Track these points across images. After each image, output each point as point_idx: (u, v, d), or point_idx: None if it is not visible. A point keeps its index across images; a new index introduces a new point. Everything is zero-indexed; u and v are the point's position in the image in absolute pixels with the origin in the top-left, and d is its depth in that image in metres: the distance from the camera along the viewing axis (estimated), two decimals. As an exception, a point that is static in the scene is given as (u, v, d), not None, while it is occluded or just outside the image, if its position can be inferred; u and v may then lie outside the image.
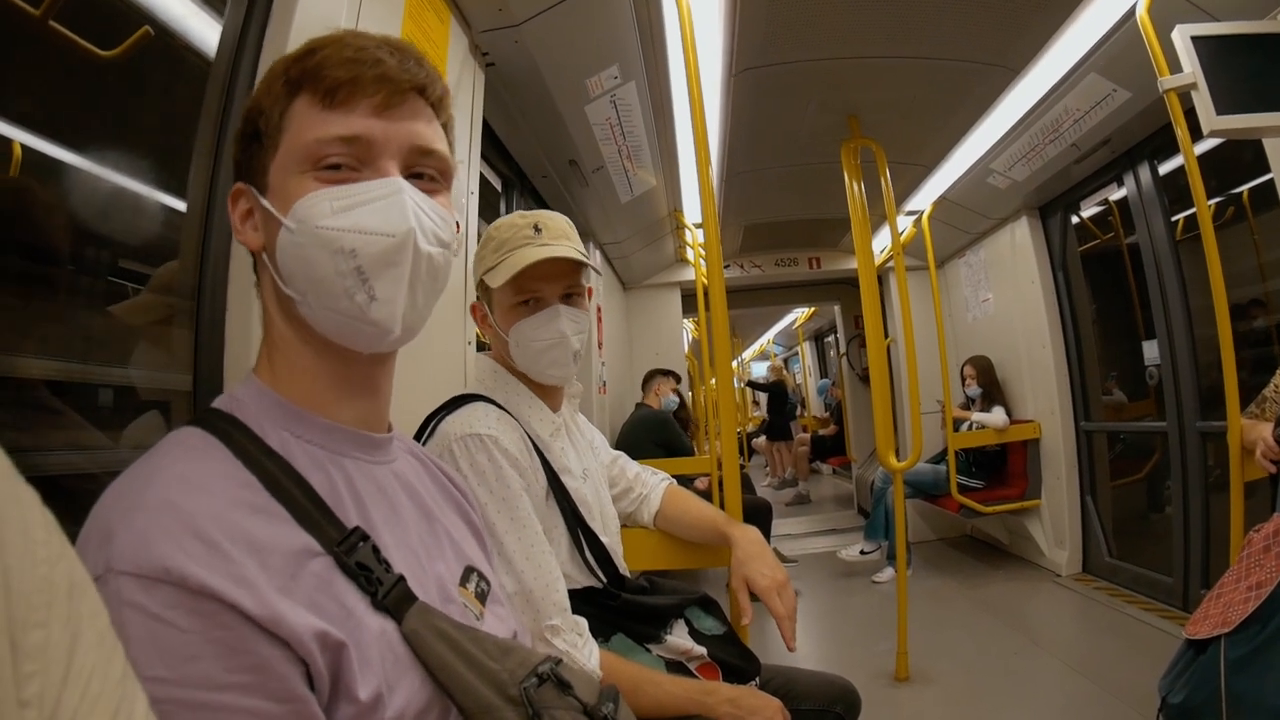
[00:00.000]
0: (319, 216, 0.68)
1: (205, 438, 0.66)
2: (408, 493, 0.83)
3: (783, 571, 1.43)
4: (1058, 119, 3.44)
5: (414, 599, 0.69)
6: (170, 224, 1.27)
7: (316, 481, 0.69)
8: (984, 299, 5.34)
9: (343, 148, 0.71)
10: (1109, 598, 3.95)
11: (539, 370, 1.36)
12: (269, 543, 0.60)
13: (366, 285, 0.69)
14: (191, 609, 0.53)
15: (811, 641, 3.80)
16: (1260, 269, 3.27)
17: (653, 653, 1.38)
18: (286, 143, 0.71)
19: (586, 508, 1.38)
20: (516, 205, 3.37)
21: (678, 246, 5.78)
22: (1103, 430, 4.46)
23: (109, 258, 1.19)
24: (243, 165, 0.75)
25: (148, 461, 0.63)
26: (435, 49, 1.90)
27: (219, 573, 0.54)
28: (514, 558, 1.17)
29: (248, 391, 0.74)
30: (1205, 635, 1.71)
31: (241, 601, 0.54)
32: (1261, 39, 2.23)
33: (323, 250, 0.68)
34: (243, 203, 0.75)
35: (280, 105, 0.72)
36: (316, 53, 0.72)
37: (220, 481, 0.62)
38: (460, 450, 1.20)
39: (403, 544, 0.75)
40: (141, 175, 1.24)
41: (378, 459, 0.80)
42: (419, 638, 0.67)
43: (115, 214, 1.19)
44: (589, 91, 2.79)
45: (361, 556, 0.66)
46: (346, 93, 0.71)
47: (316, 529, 0.65)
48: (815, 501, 8.41)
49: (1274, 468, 1.95)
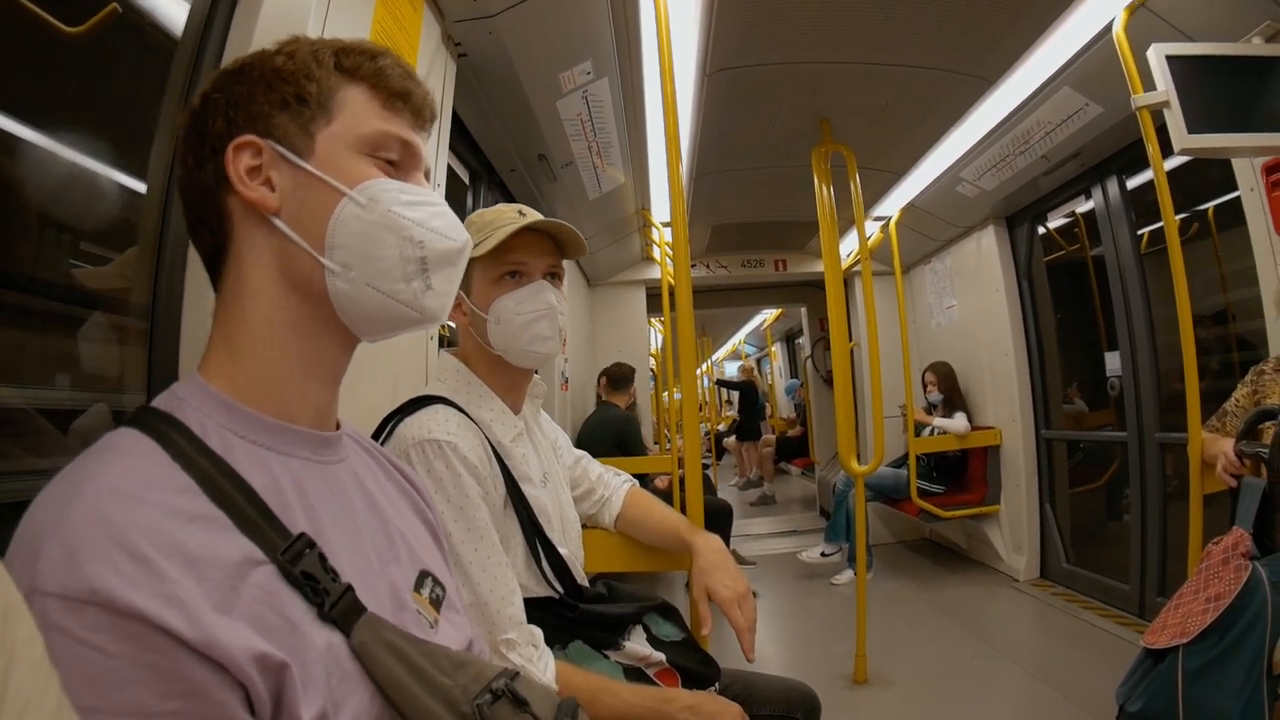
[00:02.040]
0: (391, 202, 0.73)
1: (140, 440, 0.62)
2: (360, 493, 0.80)
3: (744, 583, 1.42)
4: (1029, 130, 3.48)
5: (363, 610, 0.66)
6: (130, 207, 1.22)
7: (260, 484, 0.65)
8: (949, 306, 5.39)
9: (399, 148, 0.77)
10: (1066, 603, 4.01)
11: (521, 347, 1.32)
12: (207, 554, 0.56)
13: (425, 275, 0.75)
14: (120, 632, 0.49)
15: (771, 643, 3.80)
16: (1221, 281, 3.33)
17: (611, 659, 1.37)
18: (345, 120, 0.74)
19: (545, 517, 1.35)
20: (484, 198, 3.33)
21: (644, 245, 5.76)
22: (1063, 439, 4.52)
23: (69, 240, 1.14)
24: (262, 119, 0.72)
25: (78, 468, 0.58)
26: (407, 37, 1.85)
27: (149, 592, 0.51)
28: (470, 569, 1.14)
29: (189, 390, 0.69)
30: (1163, 645, 1.74)
31: (173, 624, 0.51)
32: (1235, 61, 2.27)
33: (393, 233, 0.73)
34: (248, 157, 0.71)
35: (333, 82, 0.74)
36: (377, 57, 0.77)
37: (155, 489, 0.58)
38: (418, 456, 1.16)
39: (354, 548, 0.72)
40: (102, 156, 1.19)
41: (327, 458, 0.77)
42: (368, 651, 0.64)
43: (72, 195, 1.15)
44: (561, 86, 2.76)
45: (307, 565, 0.63)
46: (403, 104, 0.78)
47: (259, 536, 0.61)
48: (780, 502, 8.45)
49: (1234, 482, 1.98)
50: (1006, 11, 2.56)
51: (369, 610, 0.67)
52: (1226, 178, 2.79)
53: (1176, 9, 2.41)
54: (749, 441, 9.80)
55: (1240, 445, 1.98)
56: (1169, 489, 3.51)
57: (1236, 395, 2.24)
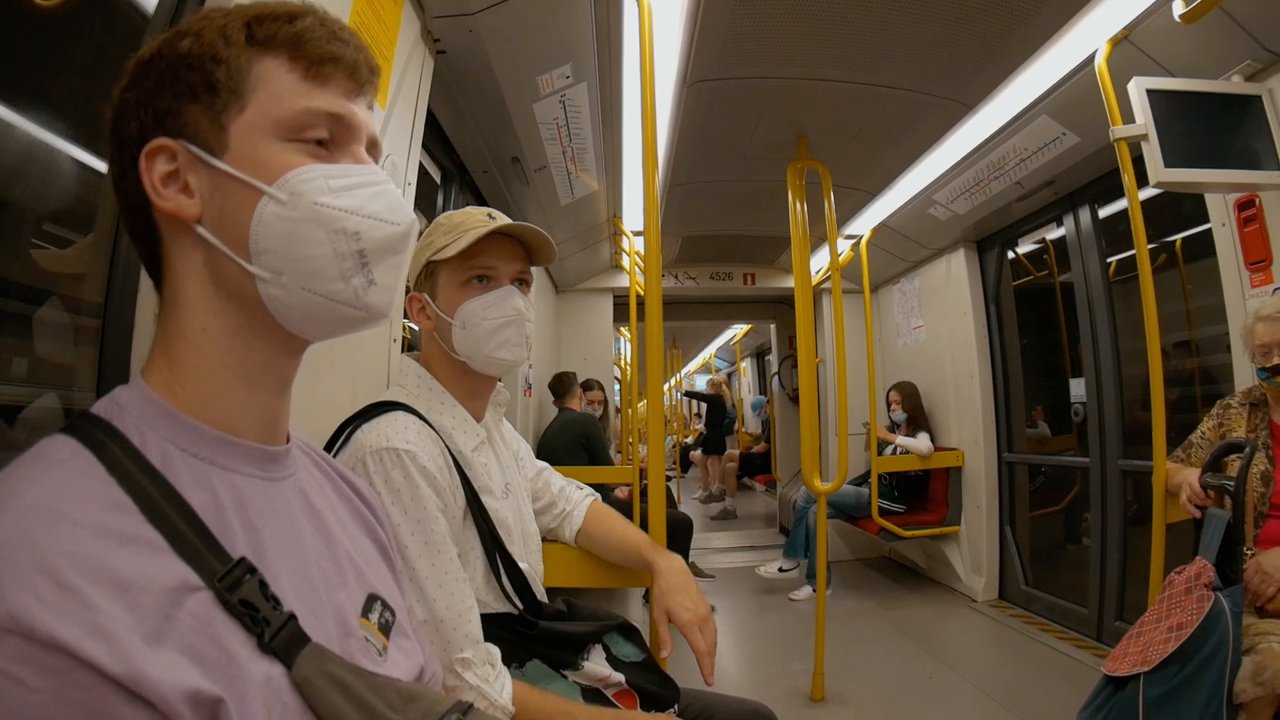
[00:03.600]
0: (317, 192, 0.65)
1: (76, 450, 0.57)
2: (307, 512, 0.75)
3: (705, 605, 1.42)
4: (1004, 156, 3.52)
5: (306, 640, 0.62)
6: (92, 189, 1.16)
7: (200, 503, 0.61)
8: (916, 326, 5.44)
9: (328, 124, 0.68)
10: (1024, 625, 4.04)
11: (486, 354, 1.29)
12: (139, 579, 0.52)
13: (366, 270, 0.68)
14: (42, 665, 0.45)
15: (728, 659, 3.78)
16: (1187, 315, 3.38)
17: (569, 679, 1.34)
18: (259, 104, 0.65)
19: (506, 530, 1.32)
20: (455, 199, 3.28)
21: (614, 253, 5.74)
22: (1025, 462, 4.57)
23: (26, 221, 1.09)
24: (171, 116, 0.65)
25: (5, 479, 0.54)
26: (386, 30, 1.81)
27: (74, 621, 0.46)
28: (426, 584, 1.11)
29: (131, 396, 0.64)
30: (1125, 673, 1.77)
31: (98, 657, 0.46)
32: (1214, 98, 2.32)
33: (321, 228, 0.65)
34: (163, 162, 0.64)
35: (244, 60, 0.65)
36: (295, 19, 0.68)
37: (86, 506, 0.53)
38: (375, 465, 1.12)
39: (298, 572, 0.68)
40: (66, 134, 1.13)
41: (274, 475, 0.72)
42: (311, 685, 0.60)
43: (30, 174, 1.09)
44: (540, 89, 2.73)
45: (246, 593, 0.59)
46: (331, 69, 0.68)
47: (196, 559, 0.57)
48: (742, 518, 8.46)
49: (1198, 513, 2.00)
50: (989, 39, 2.58)
51: (313, 640, 0.62)
52: (1198, 211, 2.84)
53: (1159, 44, 2.45)
54: (713, 455, 9.82)
55: (1205, 477, 2.01)
56: (1129, 514, 3.56)
57: (1202, 428, 2.28)
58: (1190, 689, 1.66)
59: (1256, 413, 2.13)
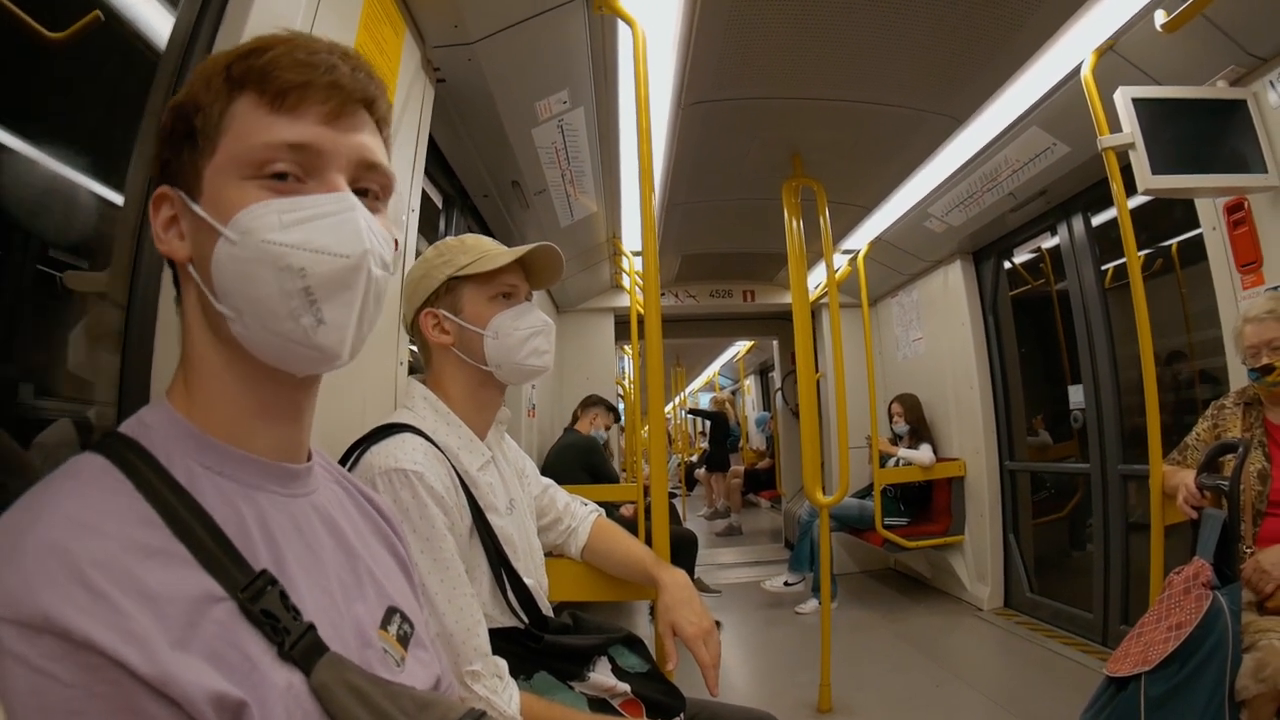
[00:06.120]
0: (266, 229, 0.64)
1: (105, 467, 0.60)
2: (328, 527, 0.78)
3: (709, 619, 1.45)
4: (997, 168, 3.55)
5: (324, 649, 0.64)
6: (107, 220, 1.20)
7: (224, 518, 0.63)
8: (915, 338, 5.46)
9: (291, 155, 0.66)
10: (1030, 632, 4.03)
11: (518, 361, 1.36)
12: (165, 590, 0.55)
13: (314, 308, 0.65)
14: (75, 663, 0.48)
15: (735, 671, 3.76)
16: (1185, 319, 3.41)
17: (575, 690, 1.36)
18: (227, 145, 0.66)
19: (511, 546, 1.35)
20: (456, 224, 3.32)
21: (614, 273, 5.77)
22: (1026, 470, 4.58)
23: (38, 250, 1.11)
24: (170, 166, 0.69)
25: (39, 494, 0.57)
26: (388, 61, 1.86)
27: (105, 625, 0.50)
28: (436, 599, 1.14)
29: (156, 417, 0.68)
30: (1126, 673, 1.77)
31: (129, 659, 0.49)
32: (1199, 104, 2.35)
33: (268, 267, 0.64)
34: (166, 209, 0.69)
35: (220, 104, 0.67)
36: (265, 52, 0.67)
37: (115, 521, 0.56)
38: (384, 485, 1.16)
39: (318, 585, 0.70)
40: (79, 167, 1.16)
41: (295, 491, 0.74)
42: (329, 692, 0.62)
43: (48, 206, 1.12)
44: (538, 114, 2.77)
45: (267, 603, 0.61)
46: (297, 97, 0.67)
47: (220, 572, 0.60)
48: (747, 533, 8.43)
49: (1195, 513, 2.02)
50: (977, 53, 2.61)
51: (331, 650, 0.65)
52: (1189, 216, 2.87)
53: (1144, 52, 2.48)
54: (718, 472, 9.79)
55: (1201, 478, 2.02)
56: (1131, 519, 3.56)
57: (1197, 429, 2.29)
58: (1191, 687, 1.67)
59: (1251, 412, 2.15)
